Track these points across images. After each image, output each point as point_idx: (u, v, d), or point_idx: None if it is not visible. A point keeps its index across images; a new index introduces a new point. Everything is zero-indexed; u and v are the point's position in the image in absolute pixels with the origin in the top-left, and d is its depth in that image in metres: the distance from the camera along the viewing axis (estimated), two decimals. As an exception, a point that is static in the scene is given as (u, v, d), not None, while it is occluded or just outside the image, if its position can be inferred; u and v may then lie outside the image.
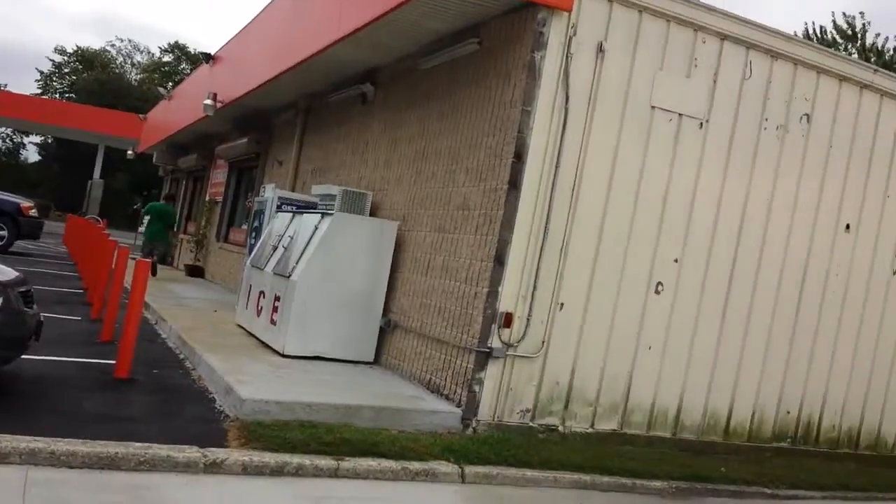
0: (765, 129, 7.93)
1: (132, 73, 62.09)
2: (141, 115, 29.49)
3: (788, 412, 8.39)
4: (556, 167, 6.98)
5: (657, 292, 7.56)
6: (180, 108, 20.41)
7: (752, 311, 8.03)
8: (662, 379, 7.65)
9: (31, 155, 60.33)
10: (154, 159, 27.45)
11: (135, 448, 4.95)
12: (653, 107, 7.37)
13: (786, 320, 8.23)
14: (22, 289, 5.93)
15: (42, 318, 6.27)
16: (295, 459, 5.30)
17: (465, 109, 7.94)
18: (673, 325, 7.64)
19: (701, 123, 7.62)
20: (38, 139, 56.50)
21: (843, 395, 8.69)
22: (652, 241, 7.47)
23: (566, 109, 6.97)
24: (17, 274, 6.12)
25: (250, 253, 11.04)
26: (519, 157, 6.88)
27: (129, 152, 34.18)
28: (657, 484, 6.49)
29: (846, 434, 8.80)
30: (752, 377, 8.12)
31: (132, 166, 43.96)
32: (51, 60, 58.80)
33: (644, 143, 7.36)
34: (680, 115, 7.50)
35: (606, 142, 7.20)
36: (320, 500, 4.93)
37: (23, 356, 6.18)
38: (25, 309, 5.86)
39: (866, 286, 8.69)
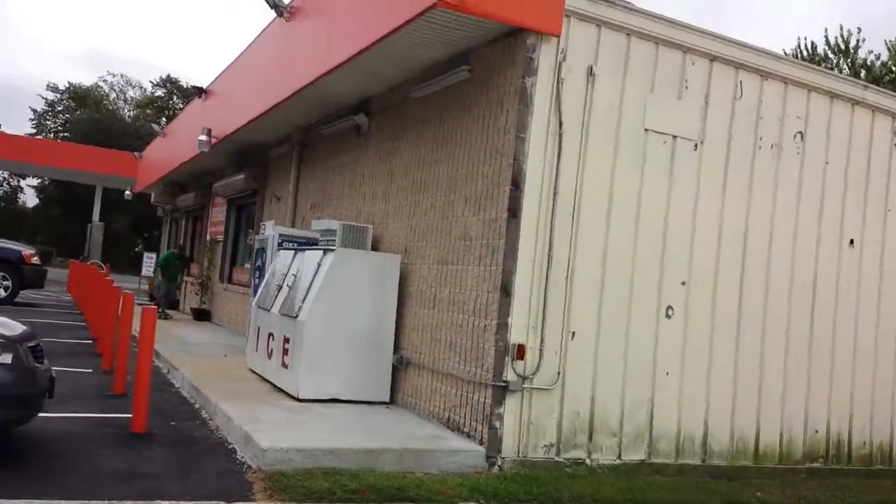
0: (759, 147, 8.03)
1: (125, 110, 62.26)
2: (136, 154, 29.38)
3: (817, 431, 8.39)
4: (555, 194, 7.03)
5: (668, 316, 7.59)
6: (175, 145, 20.40)
7: (766, 330, 8.06)
8: (684, 404, 7.64)
9: (30, 199, 60.46)
10: (152, 199, 27.34)
11: (161, 508, 4.95)
12: (646, 129, 7.45)
13: (801, 337, 8.27)
14: (31, 343, 5.78)
15: (54, 374, 6.12)
16: (322, 510, 5.30)
17: (459, 138, 7.99)
18: (688, 348, 7.66)
19: (696, 145, 7.71)
20: (35, 182, 56.59)
21: (868, 410, 8.70)
22: (656, 264, 7.52)
23: (560, 135, 7.04)
24: (24, 328, 5.98)
25: (255, 293, 11.05)
26: (516, 184, 6.93)
27: (127, 193, 34.04)
28: (694, 515, 6.45)
29: (878, 449, 8.80)
30: (775, 397, 8.14)
31: (131, 207, 43.86)
32: (43, 98, 58.80)
33: (640, 166, 7.43)
34: (674, 136, 7.59)
35: (602, 166, 7.27)
36: (350, 550, 4.92)
37: (38, 414, 6.04)
38: (36, 365, 5.72)
39: (877, 299, 8.75)
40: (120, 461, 6.01)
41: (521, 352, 6.88)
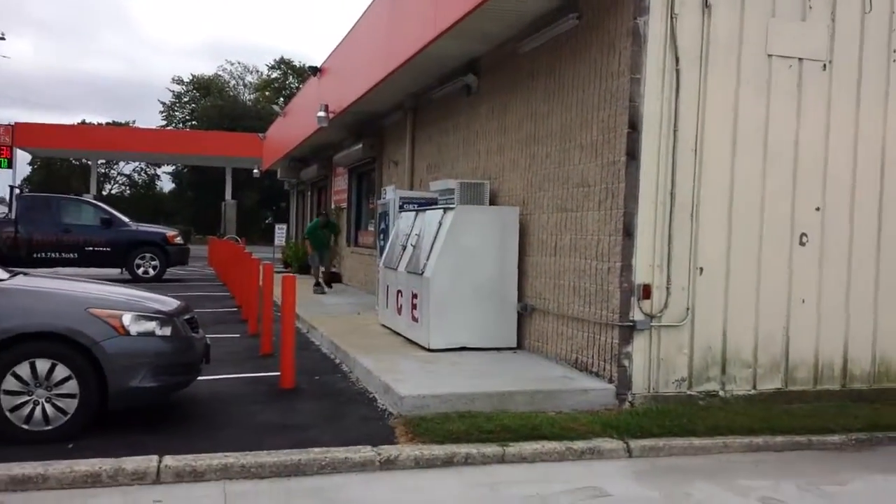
0: (894, 61, 7.56)
1: (245, 94, 64.97)
2: (260, 135, 30.80)
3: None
4: (675, 132, 6.90)
5: (802, 244, 7.37)
6: (295, 123, 21.26)
7: (909, 249, 7.68)
8: (822, 331, 7.46)
9: (166, 184, 64.54)
10: (278, 175, 28.71)
11: (315, 453, 5.31)
12: (769, 55, 7.17)
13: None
14: (186, 316, 6.33)
15: (208, 341, 6.66)
16: (462, 449, 5.53)
17: (571, 86, 7.95)
18: (824, 274, 7.44)
19: (824, 65, 7.36)
20: (170, 169, 60.33)
21: None
22: (788, 192, 7.28)
23: (677, 72, 6.88)
24: (179, 302, 6.50)
25: (381, 254, 11.48)
26: (634, 126, 6.85)
27: (255, 171, 35.85)
28: (835, 438, 6.31)
29: None
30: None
31: (260, 183, 46.19)
32: (170, 91, 62.40)
33: (765, 94, 7.18)
34: (800, 59, 7.27)
35: (724, 98, 7.06)
36: (494, 485, 5.12)
37: (197, 378, 6.59)
38: (193, 335, 6.26)
39: None
40: (273, 414, 6.48)
41: (646, 291, 6.87)
